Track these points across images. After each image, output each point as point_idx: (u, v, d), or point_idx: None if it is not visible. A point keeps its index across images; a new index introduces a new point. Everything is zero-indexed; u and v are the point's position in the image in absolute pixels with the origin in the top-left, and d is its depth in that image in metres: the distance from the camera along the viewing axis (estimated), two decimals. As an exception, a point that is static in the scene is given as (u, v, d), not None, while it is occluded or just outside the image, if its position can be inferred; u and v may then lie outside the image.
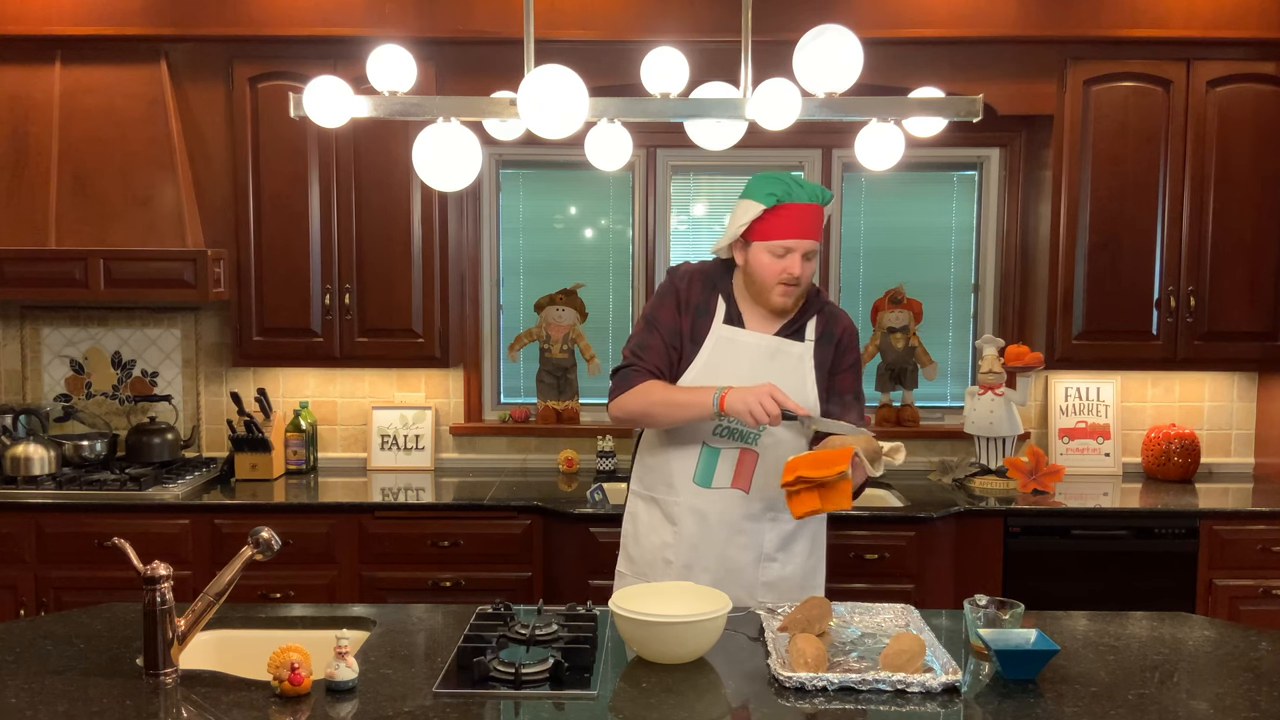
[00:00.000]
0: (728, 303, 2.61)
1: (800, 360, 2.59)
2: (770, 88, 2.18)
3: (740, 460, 2.58)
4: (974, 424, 3.98)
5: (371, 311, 3.94)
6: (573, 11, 3.75)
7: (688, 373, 2.57)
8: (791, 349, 2.59)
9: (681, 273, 2.66)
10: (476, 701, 1.94)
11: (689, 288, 2.61)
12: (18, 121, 3.82)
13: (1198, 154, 3.86)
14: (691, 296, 2.61)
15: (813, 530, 2.66)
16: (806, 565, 2.65)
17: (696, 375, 2.57)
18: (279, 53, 3.84)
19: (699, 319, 2.60)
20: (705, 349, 2.57)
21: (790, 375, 2.56)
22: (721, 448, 2.58)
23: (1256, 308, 3.91)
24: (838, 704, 1.93)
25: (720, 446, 2.58)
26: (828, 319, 2.63)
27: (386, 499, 3.79)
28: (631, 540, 2.71)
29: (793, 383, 2.54)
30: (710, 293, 2.61)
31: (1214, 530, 3.66)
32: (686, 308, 2.60)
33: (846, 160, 4.25)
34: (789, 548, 2.63)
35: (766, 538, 2.61)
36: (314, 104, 2.25)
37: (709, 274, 2.64)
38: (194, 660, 2.21)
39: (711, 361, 2.57)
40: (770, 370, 2.54)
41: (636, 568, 2.68)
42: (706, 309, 2.60)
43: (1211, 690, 2.03)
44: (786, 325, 2.60)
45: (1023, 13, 3.76)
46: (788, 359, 2.58)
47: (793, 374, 2.57)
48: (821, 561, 2.71)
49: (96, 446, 4.08)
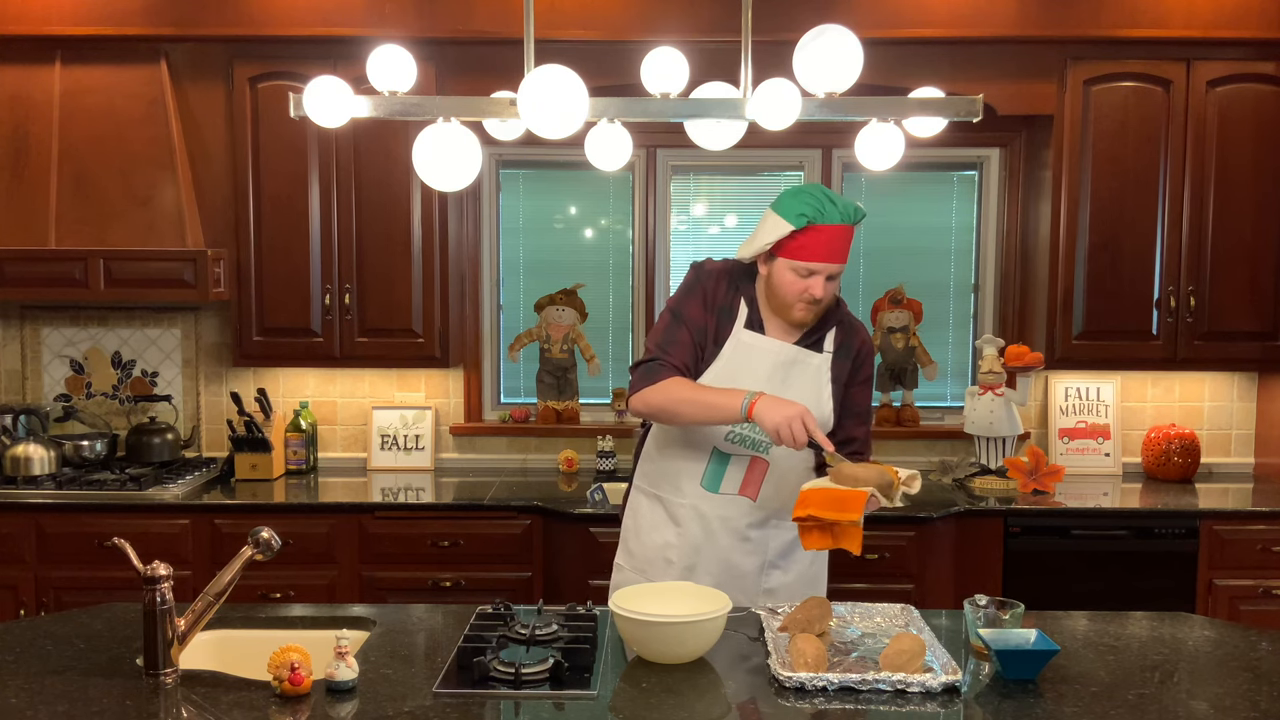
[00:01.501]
0: (750, 307, 2.57)
1: (818, 371, 2.56)
2: (770, 88, 2.18)
3: (750, 468, 2.56)
4: (974, 424, 3.98)
5: (371, 311, 3.94)
6: (573, 11, 3.75)
7: (706, 373, 2.54)
8: (810, 360, 2.56)
9: (709, 270, 2.61)
10: (476, 701, 1.94)
11: (716, 286, 2.58)
12: (18, 121, 3.82)
13: (1198, 154, 3.86)
14: (718, 296, 2.57)
15: None
16: (809, 573, 2.65)
17: (714, 377, 2.54)
18: (279, 53, 3.84)
19: (723, 320, 2.57)
20: (725, 351, 2.54)
21: (808, 386, 2.54)
22: (733, 454, 2.56)
23: (1256, 308, 3.91)
24: (838, 704, 1.93)
25: (731, 453, 2.56)
26: (847, 331, 2.61)
27: (386, 499, 3.79)
28: (632, 535, 2.70)
29: (809, 393, 2.53)
30: (734, 294, 2.58)
31: (1214, 530, 3.66)
32: (712, 307, 2.57)
33: (846, 160, 4.25)
34: (792, 555, 2.62)
35: (771, 545, 2.60)
36: (314, 104, 2.25)
37: (734, 275, 2.60)
38: (194, 660, 2.21)
39: (730, 365, 2.54)
40: (788, 379, 2.53)
41: (635, 562, 2.66)
42: (730, 311, 2.57)
43: (1211, 690, 2.02)
44: (806, 335, 2.57)
45: (1023, 13, 3.76)
46: (805, 369, 2.55)
47: (810, 384, 2.55)
48: (824, 569, 2.70)
49: (96, 446, 4.08)
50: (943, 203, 4.36)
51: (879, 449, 4.25)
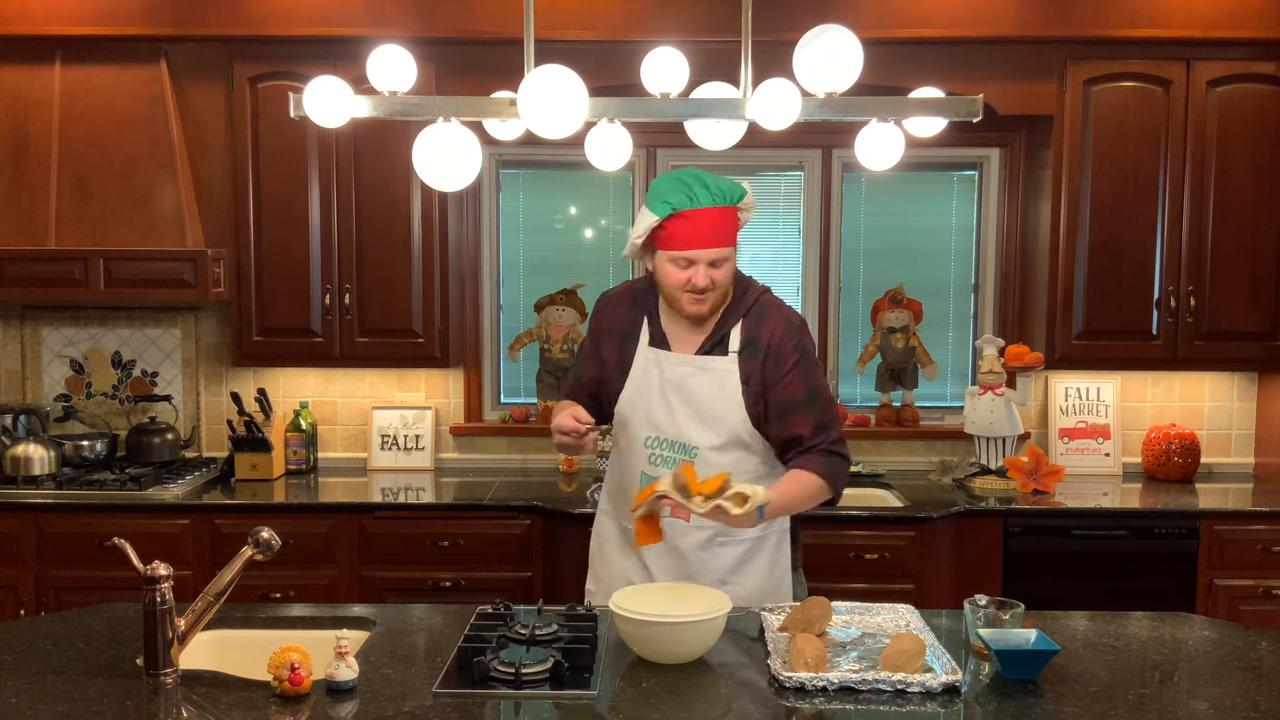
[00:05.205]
0: (652, 324, 2.52)
1: (724, 377, 2.45)
2: (770, 88, 2.18)
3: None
4: (974, 424, 3.98)
5: (371, 311, 3.94)
6: (573, 11, 3.75)
7: (621, 399, 2.52)
8: (715, 365, 2.46)
9: (608, 298, 2.61)
10: (476, 701, 1.94)
11: (613, 313, 2.56)
12: (18, 121, 3.82)
13: (1198, 154, 3.86)
14: (615, 322, 2.54)
15: (772, 546, 2.52)
16: (769, 583, 2.52)
17: (629, 399, 2.51)
18: (279, 53, 3.84)
19: (626, 344, 2.52)
20: (633, 373, 2.50)
21: (713, 394, 2.45)
22: (658, 477, 2.43)
23: (1256, 308, 3.91)
24: (838, 704, 1.93)
25: (656, 475, 2.45)
26: (754, 323, 2.46)
27: (386, 499, 3.79)
28: (599, 559, 2.68)
29: (715, 403, 2.45)
30: (636, 314, 2.53)
31: (1214, 530, 3.66)
32: (610, 335, 2.54)
33: (846, 160, 4.25)
34: (744, 568, 2.50)
35: (718, 564, 2.49)
36: (314, 104, 2.24)
37: (637, 294, 2.55)
38: (194, 660, 2.20)
39: (635, 386, 2.50)
40: (698, 389, 2.46)
41: (603, 586, 2.62)
42: (633, 333, 2.52)
43: (1211, 690, 2.02)
44: (710, 338, 2.47)
45: (1022, 13, 3.75)
46: (713, 375, 2.46)
47: (715, 392, 2.45)
48: (787, 576, 2.56)
49: (96, 446, 4.08)
50: (943, 203, 4.36)
51: (879, 449, 4.26)
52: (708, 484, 2.17)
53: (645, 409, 2.49)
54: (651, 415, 2.49)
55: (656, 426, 2.48)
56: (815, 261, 4.31)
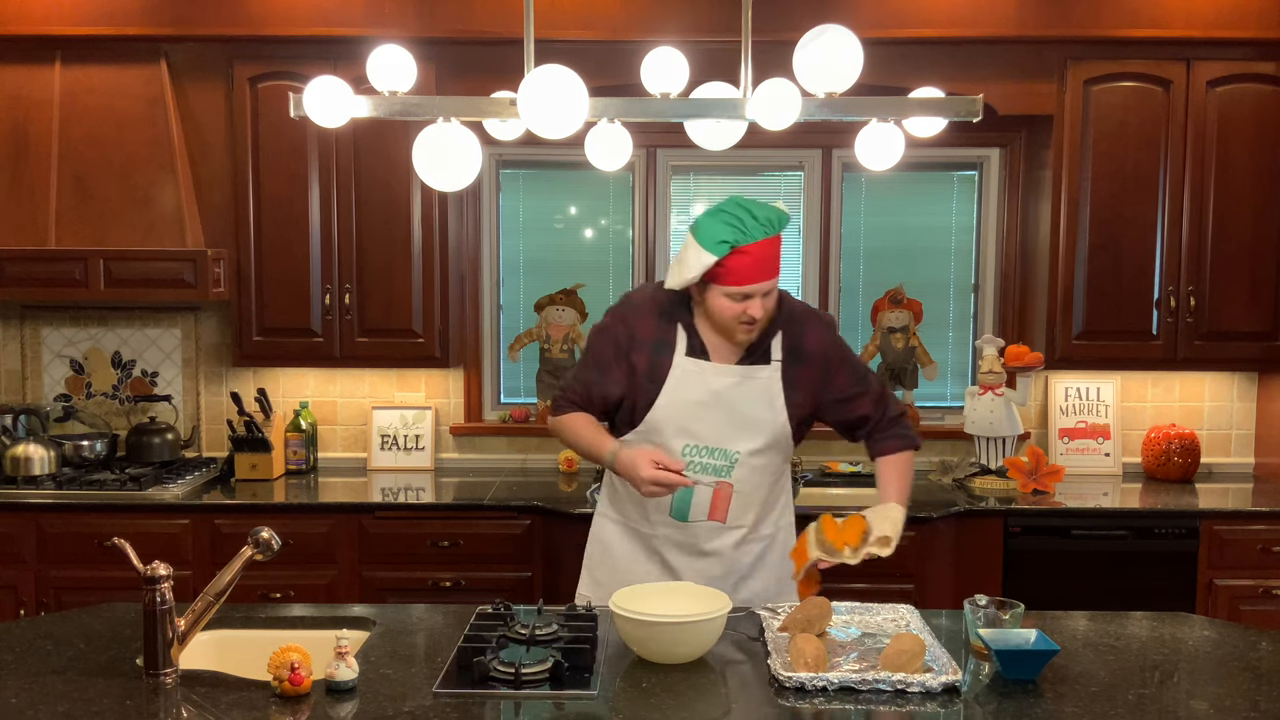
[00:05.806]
0: (689, 333, 2.51)
1: (768, 384, 2.49)
2: (770, 88, 2.18)
3: (716, 493, 2.52)
4: (974, 424, 3.98)
5: (371, 311, 3.94)
6: (573, 11, 3.75)
7: (656, 407, 2.49)
8: (758, 375, 2.49)
9: (633, 306, 2.55)
10: (476, 701, 1.94)
11: (641, 323, 2.51)
12: (18, 121, 3.82)
13: (1198, 154, 3.86)
14: (645, 333, 2.51)
15: (782, 542, 2.62)
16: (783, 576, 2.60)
17: (664, 408, 2.49)
18: (279, 53, 3.84)
19: (657, 354, 2.50)
20: (671, 381, 2.49)
21: (757, 402, 2.49)
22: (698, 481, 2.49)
23: (1256, 308, 3.91)
24: (838, 704, 1.93)
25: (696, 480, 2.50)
26: (793, 331, 2.51)
27: (386, 499, 3.79)
28: (601, 565, 2.66)
29: (759, 409, 2.49)
30: (667, 324, 2.51)
31: (1214, 530, 3.66)
32: (641, 345, 2.50)
33: (846, 160, 4.25)
34: (762, 562, 2.60)
35: (744, 560, 2.58)
36: (314, 104, 2.24)
37: (662, 305, 2.52)
38: (194, 660, 2.21)
39: (675, 394, 2.49)
40: (742, 397, 2.48)
41: (604, 592, 2.59)
42: (667, 343, 2.50)
43: (1211, 690, 2.03)
44: (750, 349, 2.50)
45: (1022, 13, 3.75)
46: (755, 384, 2.49)
47: (759, 400, 2.49)
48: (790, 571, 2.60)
49: (96, 446, 4.08)
50: (943, 203, 4.36)
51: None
52: (848, 532, 2.34)
53: (683, 418, 2.48)
54: (691, 424, 2.49)
55: (695, 435, 2.50)
56: (815, 261, 4.31)
